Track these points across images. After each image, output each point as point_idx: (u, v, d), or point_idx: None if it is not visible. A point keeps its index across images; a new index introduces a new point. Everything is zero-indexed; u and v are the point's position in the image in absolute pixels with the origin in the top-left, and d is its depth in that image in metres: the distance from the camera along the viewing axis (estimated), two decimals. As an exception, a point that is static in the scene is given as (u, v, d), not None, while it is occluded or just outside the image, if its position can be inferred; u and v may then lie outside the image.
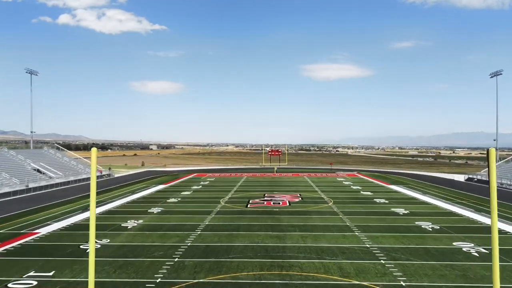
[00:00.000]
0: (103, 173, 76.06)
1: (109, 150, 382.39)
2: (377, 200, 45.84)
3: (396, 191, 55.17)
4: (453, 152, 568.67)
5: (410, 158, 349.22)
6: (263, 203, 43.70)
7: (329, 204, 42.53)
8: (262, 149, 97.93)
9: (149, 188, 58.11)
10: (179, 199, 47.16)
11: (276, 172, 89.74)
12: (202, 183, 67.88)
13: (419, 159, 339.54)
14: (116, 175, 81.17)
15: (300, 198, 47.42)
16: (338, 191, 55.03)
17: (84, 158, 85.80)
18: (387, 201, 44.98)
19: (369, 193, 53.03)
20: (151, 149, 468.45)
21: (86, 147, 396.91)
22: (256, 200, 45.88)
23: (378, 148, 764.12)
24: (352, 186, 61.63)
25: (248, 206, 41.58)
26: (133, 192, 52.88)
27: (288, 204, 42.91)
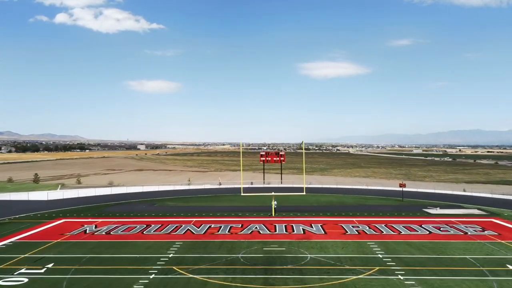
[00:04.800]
0: None
1: (87, 150, 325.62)
2: None
3: None
4: (460, 150, 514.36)
5: (423, 158, 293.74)
6: None
7: None
8: (240, 148, 47.26)
9: None
10: None
11: (275, 212, 33.53)
12: None
13: (436, 158, 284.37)
14: None
15: None
16: None
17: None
18: None
19: None
20: (139, 149, 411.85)
21: (64, 148, 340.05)
22: None
23: (378, 146, 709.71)
24: None
25: None
26: None
27: None
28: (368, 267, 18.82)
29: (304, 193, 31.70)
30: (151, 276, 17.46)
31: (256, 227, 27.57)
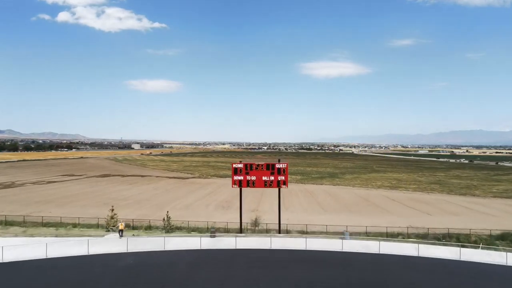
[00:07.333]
0: None
1: (74, 149, 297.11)
2: None
3: None
4: (467, 151, 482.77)
5: (436, 160, 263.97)
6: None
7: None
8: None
9: None
10: None
11: None
12: None
13: (451, 160, 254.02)
14: None
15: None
16: None
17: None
18: None
19: None
20: (133, 148, 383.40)
21: (51, 147, 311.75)
22: None
23: (381, 146, 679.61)
24: None
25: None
26: None
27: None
28: None
29: None
30: None
31: None
